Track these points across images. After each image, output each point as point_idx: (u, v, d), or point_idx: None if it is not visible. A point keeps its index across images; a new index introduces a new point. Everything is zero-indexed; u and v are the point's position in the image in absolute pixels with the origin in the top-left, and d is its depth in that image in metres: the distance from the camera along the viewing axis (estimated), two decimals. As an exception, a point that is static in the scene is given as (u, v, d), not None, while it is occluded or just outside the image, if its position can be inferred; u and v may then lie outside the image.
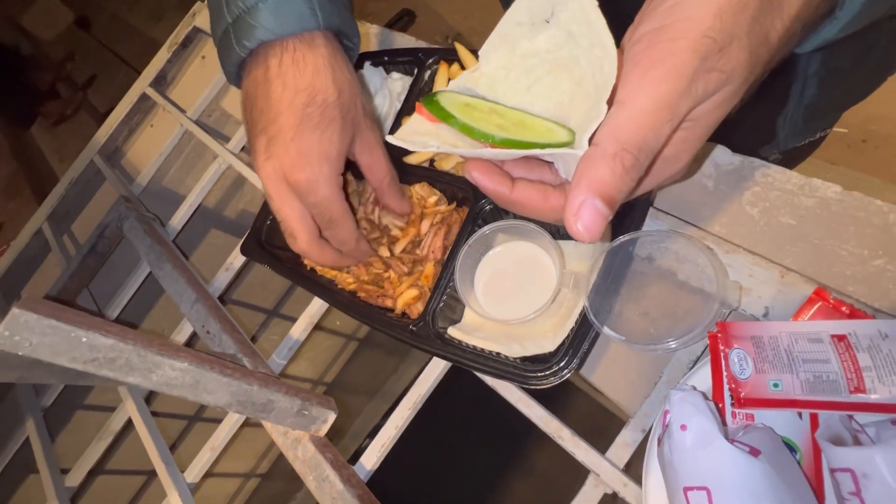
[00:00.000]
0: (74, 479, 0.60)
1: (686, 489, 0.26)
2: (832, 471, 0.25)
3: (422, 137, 0.27)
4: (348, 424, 1.63)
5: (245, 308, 1.13)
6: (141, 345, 0.32)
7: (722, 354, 0.31)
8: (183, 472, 0.51)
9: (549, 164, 0.28)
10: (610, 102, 0.23)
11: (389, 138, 0.28)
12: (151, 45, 0.88)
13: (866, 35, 0.42)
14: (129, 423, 0.63)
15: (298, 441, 0.42)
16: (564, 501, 0.36)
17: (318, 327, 0.52)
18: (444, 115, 0.26)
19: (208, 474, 0.52)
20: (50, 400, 0.69)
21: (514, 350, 0.36)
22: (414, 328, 0.39)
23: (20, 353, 0.29)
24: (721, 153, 0.42)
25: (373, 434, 0.52)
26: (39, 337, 0.29)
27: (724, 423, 0.29)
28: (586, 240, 0.23)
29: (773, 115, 0.48)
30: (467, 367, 0.37)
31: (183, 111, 0.77)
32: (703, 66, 0.23)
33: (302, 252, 0.39)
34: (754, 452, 0.25)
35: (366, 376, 1.63)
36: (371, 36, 0.63)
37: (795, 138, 0.50)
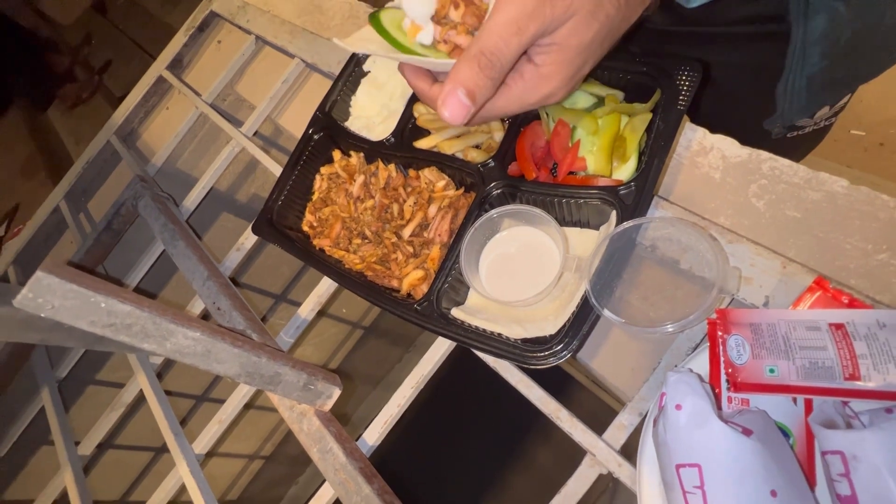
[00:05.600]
0: (87, 448, 0.62)
1: (678, 466, 0.26)
2: (823, 453, 0.26)
3: (365, 43, 0.35)
4: (352, 412, 1.66)
5: (253, 292, 1.15)
6: (156, 313, 0.34)
7: (720, 340, 0.31)
8: (191, 444, 0.53)
9: None
10: None
11: (335, 40, 0.36)
12: (167, 31, 0.90)
13: (871, 9, 0.42)
14: (139, 401, 0.64)
15: (304, 415, 0.43)
16: (561, 482, 0.37)
17: (324, 314, 0.53)
18: (380, 30, 0.35)
19: (214, 453, 0.53)
20: (64, 373, 0.71)
21: (515, 332, 0.37)
22: (419, 307, 0.40)
23: (43, 315, 0.30)
24: (729, 146, 0.42)
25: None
26: (61, 300, 0.30)
27: (719, 407, 0.30)
28: (451, 122, 0.31)
29: (770, 84, 0.48)
30: (469, 346, 0.38)
31: (198, 94, 0.78)
32: None
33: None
34: (746, 432, 0.26)
35: (370, 365, 1.64)
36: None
37: (800, 112, 0.49)
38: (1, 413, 0.75)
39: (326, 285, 0.52)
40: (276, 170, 0.59)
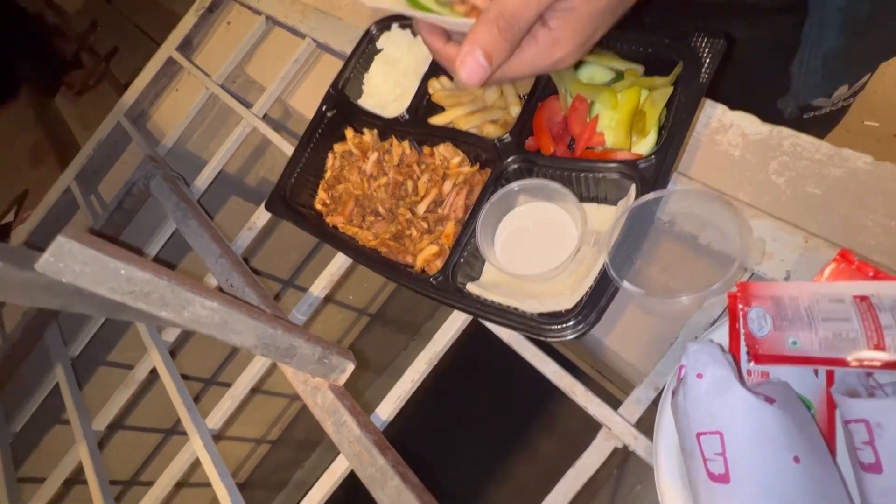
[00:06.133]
0: (101, 423, 0.63)
1: (699, 434, 0.26)
2: (846, 422, 0.26)
3: (386, 2, 0.35)
4: (358, 400, 1.67)
5: (262, 277, 1.15)
6: (175, 281, 0.34)
7: (741, 313, 0.31)
8: (204, 419, 0.53)
9: None
10: None
11: None
12: (173, 18, 0.89)
13: None
14: (150, 382, 0.65)
15: (318, 389, 0.43)
16: (575, 457, 0.37)
17: (330, 300, 0.53)
18: None
19: (222, 437, 0.54)
20: (77, 351, 0.72)
21: (531, 306, 0.37)
22: (434, 281, 0.40)
23: (64, 281, 0.30)
24: (749, 123, 0.42)
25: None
26: (81, 265, 0.30)
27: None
28: (467, 82, 0.31)
29: (785, 61, 0.47)
30: (485, 319, 0.38)
31: (208, 76, 0.78)
32: None
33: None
34: (769, 400, 0.26)
35: (376, 352, 1.65)
36: None
37: (815, 91, 0.48)
38: (15, 390, 0.76)
39: (339, 263, 0.52)
40: (288, 149, 0.59)
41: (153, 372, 0.62)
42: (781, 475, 0.24)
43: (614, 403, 0.37)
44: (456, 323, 0.43)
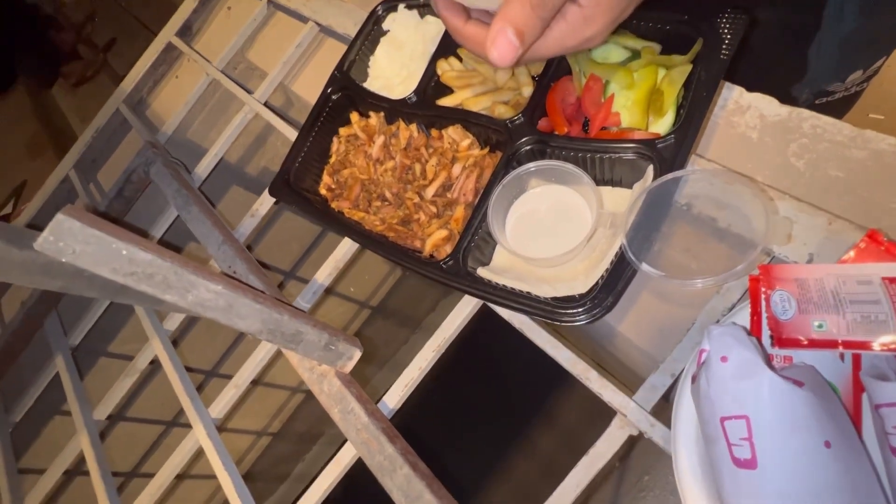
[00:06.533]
0: (102, 413, 0.62)
1: (723, 419, 0.26)
2: (876, 407, 0.25)
3: None
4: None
5: (264, 268, 1.14)
6: (178, 264, 0.33)
7: (763, 296, 0.30)
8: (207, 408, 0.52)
9: None
10: None
11: None
12: (171, 9, 0.87)
13: None
14: (151, 373, 0.63)
15: (324, 376, 0.42)
16: (589, 445, 0.36)
17: (331, 292, 0.52)
18: None
19: (223, 429, 0.53)
20: (77, 340, 0.71)
21: (544, 290, 0.36)
22: (444, 265, 0.39)
23: (63, 260, 0.29)
24: (767, 104, 0.41)
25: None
26: (82, 245, 0.29)
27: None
28: (498, 63, 0.29)
29: (803, 46, 0.46)
30: (497, 304, 0.37)
31: (209, 61, 0.76)
32: None
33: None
34: (798, 384, 0.25)
35: (377, 345, 1.65)
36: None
37: (829, 76, 0.47)
38: (14, 380, 0.75)
39: (344, 249, 0.51)
40: (291, 135, 0.58)
41: (154, 362, 0.61)
42: (812, 460, 0.23)
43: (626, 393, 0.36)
44: (465, 309, 0.42)
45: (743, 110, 0.41)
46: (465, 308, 0.42)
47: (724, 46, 0.35)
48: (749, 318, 0.31)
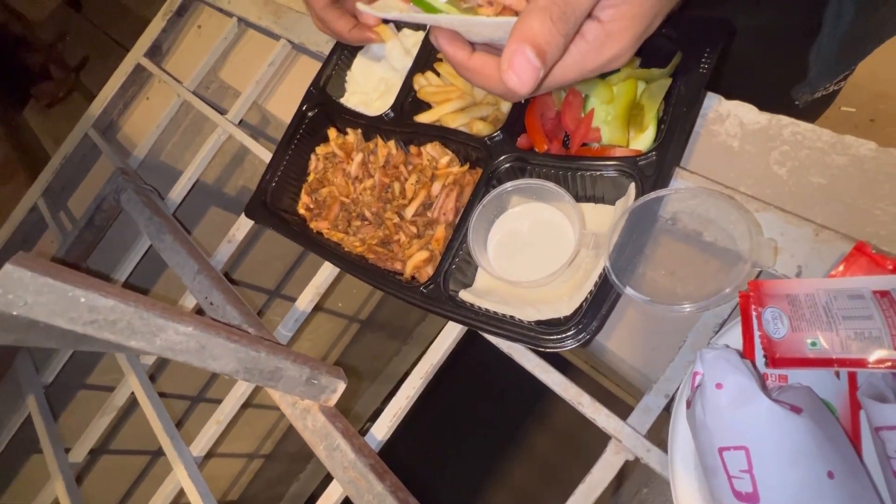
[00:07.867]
0: (78, 455, 0.59)
1: (722, 450, 0.25)
2: (877, 429, 0.24)
3: (389, 8, 0.30)
4: (350, 407, 1.63)
5: (246, 288, 1.12)
6: (143, 307, 0.31)
7: (754, 314, 0.29)
8: (188, 446, 0.50)
9: None
10: None
11: (359, 6, 0.32)
12: (144, 25, 0.85)
13: None
14: (132, 404, 0.61)
15: (308, 411, 0.41)
16: (583, 473, 0.35)
17: (319, 308, 0.50)
18: None
19: (213, 454, 0.51)
20: (50, 378, 0.68)
21: (528, 314, 0.35)
22: (425, 290, 0.37)
23: (15, 313, 0.27)
24: (746, 112, 0.40)
25: (374, 417, 0.51)
26: (35, 296, 0.27)
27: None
28: (518, 89, 0.25)
29: (804, 48, 0.45)
30: (480, 330, 0.36)
31: (179, 82, 0.74)
32: None
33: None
34: (796, 410, 0.24)
35: (367, 359, 1.62)
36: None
37: (827, 76, 0.46)
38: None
39: (325, 275, 0.49)
40: (266, 156, 0.56)
41: (133, 394, 0.58)
42: (817, 492, 0.22)
43: (621, 408, 0.35)
44: (451, 335, 0.41)
45: (723, 119, 0.41)
46: (452, 333, 0.41)
47: (703, 59, 0.35)
48: (741, 335, 0.30)
